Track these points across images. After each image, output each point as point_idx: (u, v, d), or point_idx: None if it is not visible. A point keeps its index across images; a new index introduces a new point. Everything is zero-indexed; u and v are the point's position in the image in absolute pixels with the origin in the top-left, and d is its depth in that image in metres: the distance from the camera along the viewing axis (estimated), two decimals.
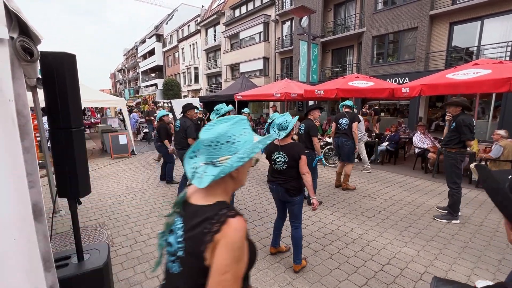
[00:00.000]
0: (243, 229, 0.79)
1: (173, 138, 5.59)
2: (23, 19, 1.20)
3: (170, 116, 6.30)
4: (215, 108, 3.66)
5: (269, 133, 5.07)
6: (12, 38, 1.17)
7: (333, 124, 5.34)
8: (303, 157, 2.52)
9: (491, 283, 0.78)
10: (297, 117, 2.79)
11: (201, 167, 0.88)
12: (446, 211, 3.93)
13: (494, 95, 9.14)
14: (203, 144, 0.88)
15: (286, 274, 2.64)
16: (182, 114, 4.64)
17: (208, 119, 9.82)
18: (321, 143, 7.38)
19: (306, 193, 3.21)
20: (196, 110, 7.14)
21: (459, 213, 3.83)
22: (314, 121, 4.35)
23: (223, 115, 3.57)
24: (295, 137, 4.99)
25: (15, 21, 1.20)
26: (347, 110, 5.22)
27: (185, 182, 4.58)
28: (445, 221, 3.77)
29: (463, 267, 2.74)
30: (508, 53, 9.15)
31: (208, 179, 0.81)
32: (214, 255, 0.75)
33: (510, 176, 0.68)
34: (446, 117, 4.08)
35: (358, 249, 3.09)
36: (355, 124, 4.99)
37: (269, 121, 5.41)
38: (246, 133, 0.89)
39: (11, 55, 1.18)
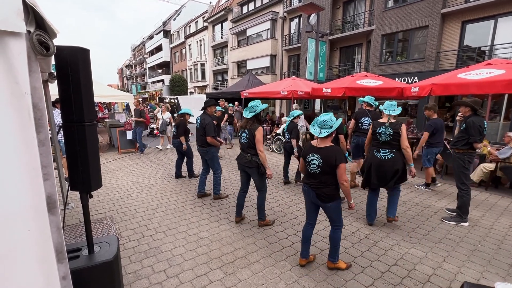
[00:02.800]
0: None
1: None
2: (40, 13, 1.21)
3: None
4: (249, 105, 3.41)
5: (288, 133, 5.12)
6: (29, 32, 1.18)
7: (352, 121, 5.16)
8: (342, 165, 2.35)
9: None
10: (340, 119, 2.68)
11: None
12: (455, 213, 3.88)
13: (506, 96, 8.94)
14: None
15: (292, 272, 2.64)
16: (202, 110, 4.49)
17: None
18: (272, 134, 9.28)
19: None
20: (217, 108, 7.13)
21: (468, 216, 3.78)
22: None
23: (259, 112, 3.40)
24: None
25: (31, 15, 1.20)
26: (368, 108, 4.99)
27: (205, 176, 4.66)
28: (454, 223, 3.72)
29: (472, 270, 2.70)
30: None
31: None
32: (402, 133, 3.27)
33: None
34: (457, 118, 4.02)
35: (365, 249, 3.07)
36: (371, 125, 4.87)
37: (288, 119, 5.16)
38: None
39: (28, 49, 1.19)
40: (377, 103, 5.03)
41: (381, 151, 3.40)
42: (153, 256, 2.89)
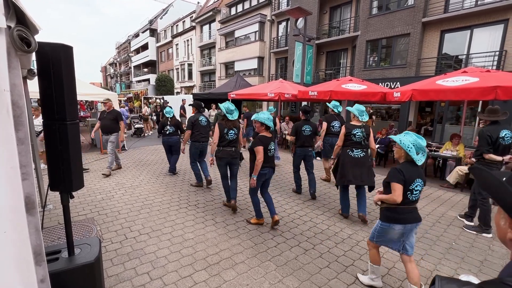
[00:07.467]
0: None
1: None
2: (21, 8, 1.18)
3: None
4: (231, 108, 4.03)
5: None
6: (9, 27, 1.15)
7: (324, 124, 5.51)
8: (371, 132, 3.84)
9: (473, 277, 0.82)
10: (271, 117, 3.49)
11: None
12: (474, 223, 3.74)
13: (480, 102, 9.44)
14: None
15: (277, 272, 2.68)
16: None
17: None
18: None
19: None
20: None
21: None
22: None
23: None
24: (289, 138, 5.31)
25: (12, 9, 1.17)
26: (333, 113, 5.51)
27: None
28: (475, 232, 3.58)
29: (447, 267, 2.83)
30: (495, 62, 9.47)
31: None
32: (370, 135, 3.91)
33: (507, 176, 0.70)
34: (481, 126, 3.99)
35: (348, 249, 3.15)
36: (343, 127, 5.14)
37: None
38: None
39: (8, 45, 1.15)
40: (340, 109, 5.54)
41: (355, 151, 3.82)
42: (136, 258, 2.84)
